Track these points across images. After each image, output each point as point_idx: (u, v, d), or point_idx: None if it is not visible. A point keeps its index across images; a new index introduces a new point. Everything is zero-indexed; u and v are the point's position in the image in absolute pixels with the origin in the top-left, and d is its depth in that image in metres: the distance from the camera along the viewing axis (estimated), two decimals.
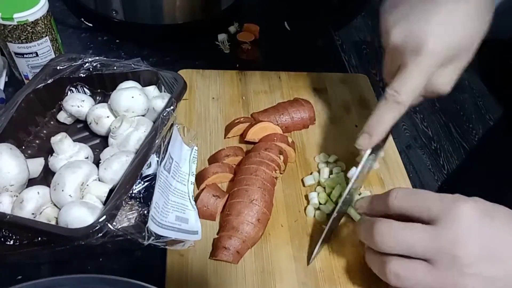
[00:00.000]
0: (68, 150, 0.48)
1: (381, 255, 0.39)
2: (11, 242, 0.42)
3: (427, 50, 0.40)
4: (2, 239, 0.42)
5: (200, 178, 0.51)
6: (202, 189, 0.50)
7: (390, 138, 0.60)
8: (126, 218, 0.44)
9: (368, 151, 0.46)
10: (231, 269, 0.45)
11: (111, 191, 0.44)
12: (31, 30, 0.53)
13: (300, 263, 0.47)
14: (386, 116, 0.43)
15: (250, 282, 0.45)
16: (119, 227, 0.41)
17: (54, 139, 0.47)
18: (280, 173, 0.53)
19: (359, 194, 0.53)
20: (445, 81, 0.43)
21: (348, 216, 0.51)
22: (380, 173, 0.57)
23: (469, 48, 0.42)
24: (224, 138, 0.58)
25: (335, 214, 0.47)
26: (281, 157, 0.52)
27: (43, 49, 0.56)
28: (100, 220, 0.39)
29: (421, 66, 0.41)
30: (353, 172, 0.47)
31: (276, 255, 0.47)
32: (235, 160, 0.54)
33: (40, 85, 0.51)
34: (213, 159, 0.54)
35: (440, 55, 0.40)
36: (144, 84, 0.57)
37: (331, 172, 0.55)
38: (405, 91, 0.41)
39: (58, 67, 0.53)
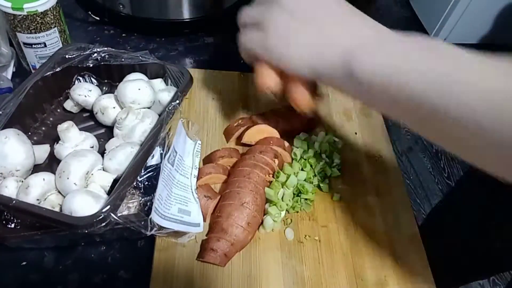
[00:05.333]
0: (74, 139, 0.48)
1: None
2: (12, 225, 0.42)
3: None
4: (4, 221, 0.42)
5: None
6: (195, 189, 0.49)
7: (389, 144, 0.60)
8: (126, 207, 0.45)
9: None
10: (217, 272, 0.45)
11: (115, 181, 0.44)
12: (40, 21, 0.54)
13: (289, 270, 0.46)
14: None
15: (236, 286, 0.44)
16: (119, 215, 0.41)
17: (61, 127, 0.48)
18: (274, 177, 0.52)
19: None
20: None
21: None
22: (376, 180, 0.56)
23: None
24: (227, 142, 0.57)
25: None
26: (276, 161, 0.52)
27: (52, 39, 0.57)
28: (104, 210, 0.39)
29: None
30: None
31: (264, 260, 0.46)
32: (229, 161, 0.53)
33: (48, 73, 0.52)
34: (207, 160, 0.54)
35: None
36: (151, 76, 0.57)
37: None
38: None
39: (66, 56, 0.53)
